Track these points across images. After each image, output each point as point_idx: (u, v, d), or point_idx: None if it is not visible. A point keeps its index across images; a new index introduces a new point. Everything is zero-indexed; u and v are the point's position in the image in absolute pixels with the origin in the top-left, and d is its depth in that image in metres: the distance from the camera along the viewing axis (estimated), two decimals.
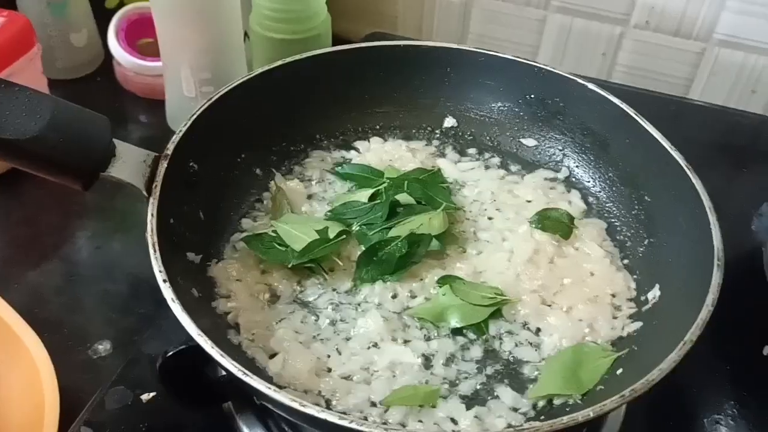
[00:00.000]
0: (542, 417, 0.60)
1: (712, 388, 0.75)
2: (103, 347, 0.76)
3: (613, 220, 0.76)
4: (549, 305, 0.68)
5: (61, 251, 0.86)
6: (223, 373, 0.64)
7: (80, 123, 0.59)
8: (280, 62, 0.76)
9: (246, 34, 0.97)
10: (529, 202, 0.77)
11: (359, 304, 0.67)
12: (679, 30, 1.06)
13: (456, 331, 0.66)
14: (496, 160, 0.83)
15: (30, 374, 0.68)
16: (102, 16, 1.06)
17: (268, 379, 0.58)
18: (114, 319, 0.79)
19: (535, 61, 0.80)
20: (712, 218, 0.64)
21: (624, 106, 0.75)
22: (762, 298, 0.76)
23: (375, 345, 0.64)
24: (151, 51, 1.01)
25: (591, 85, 0.77)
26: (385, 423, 0.57)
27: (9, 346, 0.69)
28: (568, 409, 0.59)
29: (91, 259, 0.86)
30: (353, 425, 0.49)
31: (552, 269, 0.70)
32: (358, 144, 0.82)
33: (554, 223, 0.73)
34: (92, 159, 0.59)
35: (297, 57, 0.77)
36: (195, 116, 0.68)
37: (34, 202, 0.91)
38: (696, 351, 0.75)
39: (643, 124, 0.73)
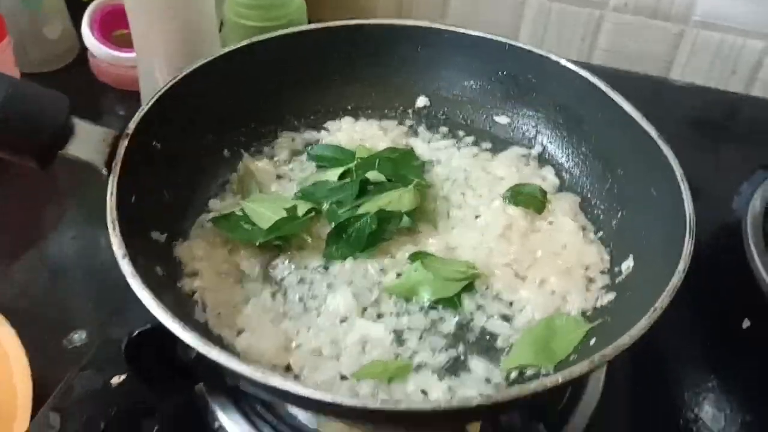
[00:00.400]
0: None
1: (694, 363, 0.74)
2: (78, 337, 0.75)
3: (586, 194, 0.76)
4: (522, 278, 0.67)
5: (36, 242, 0.85)
6: (193, 354, 0.64)
7: (36, 101, 0.58)
8: (246, 41, 0.75)
9: (220, 23, 0.96)
10: (502, 178, 0.76)
11: (329, 282, 0.66)
12: (657, 12, 1.06)
13: (428, 307, 0.65)
14: (469, 138, 0.82)
15: (2, 365, 0.67)
16: (76, 8, 1.05)
17: (235, 356, 0.57)
18: (89, 308, 0.78)
19: (506, 38, 0.79)
20: (683, 186, 0.63)
21: (596, 80, 0.74)
22: (742, 275, 0.76)
23: (345, 320, 0.63)
24: (125, 42, 1.00)
25: (563, 61, 0.76)
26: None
27: None
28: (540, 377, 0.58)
29: (67, 249, 0.85)
30: (317, 396, 0.48)
31: (525, 243, 0.70)
32: (329, 124, 0.82)
33: (527, 198, 0.72)
34: (48, 137, 0.58)
35: (265, 36, 0.76)
36: (158, 95, 0.67)
37: (5, 194, 0.90)
38: (677, 327, 0.75)
39: (614, 97, 0.72)
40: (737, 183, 0.91)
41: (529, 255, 0.68)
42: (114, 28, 1.04)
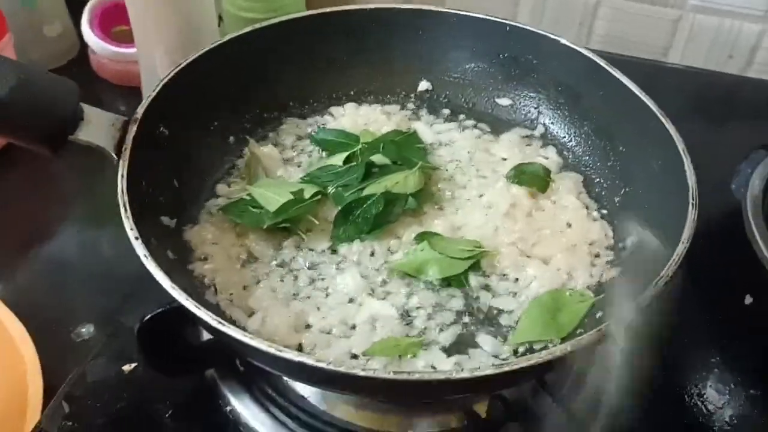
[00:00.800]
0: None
1: (698, 341, 0.75)
2: (86, 330, 0.76)
3: (589, 172, 0.77)
4: (528, 256, 0.68)
5: (42, 236, 0.85)
6: (204, 338, 0.64)
7: (47, 87, 0.59)
8: (250, 28, 0.76)
9: (220, 17, 0.97)
10: (505, 159, 0.77)
11: (338, 263, 0.67)
12: None
13: (436, 286, 0.65)
14: (472, 121, 0.83)
15: (13, 359, 0.68)
16: (75, 6, 1.05)
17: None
18: (96, 301, 0.79)
19: (506, 19, 0.80)
20: (686, 160, 0.64)
21: (596, 57, 0.75)
22: (742, 253, 0.76)
23: (353, 300, 0.64)
24: (125, 38, 1.01)
25: (563, 40, 0.77)
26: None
27: None
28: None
29: (72, 243, 0.85)
30: (330, 367, 0.49)
31: (529, 222, 0.70)
32: (333, 109, 0.82)
33: (531, 177, 0.73)
34: (59, 121, 0.59)
35: (267, 23, 0.77)
36: (165, 81, 0.68)
37: (11, 189, 0.90)
38: (680, 305, 0.75)
39: (614, 74, 0.73)
40: (736, 163, 0.92)
41: (534, 233, 0.69)
42: (113, 24, 1.05)
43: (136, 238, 0.55)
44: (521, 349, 0.61)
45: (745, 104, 1.05)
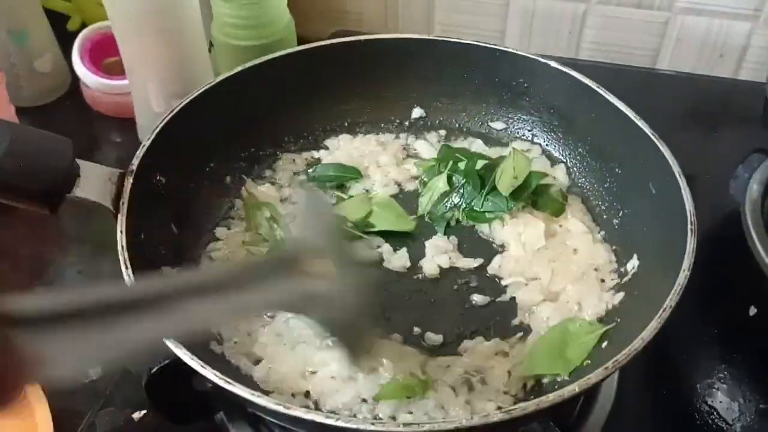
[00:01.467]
0: (531, 396, 0.60)
1: (703, 353, 0.75)
2: (94, 371, 0.76)
3: (587, 194, 0.77)
4: (542, 295, 0.68)
5: (43, 278, 0.85)
6: (211, 385, 0.65)
7: (41, 146, 0.59)
8: (240, 68, 0.76)
9: (210, 44, 0.97)
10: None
11: None
12: (641, 2, 1.06)
13: None
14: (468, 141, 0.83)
15: (22, 406, 0.68)
16: (65, 39, 1.05)
17: (254, 386, 0.58)
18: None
19: (495, 44, 0.80)
20: (681, 183, 0.64)
21: (586, 80, 0.75)
22: (744, 260, 0.76)
23: None
24: (117, 70, 1.01)
25: (553, 63, 0.77)
26: (375, 418, 0.57)
27: None
28: (556, 387, 0.59)
29: (73, 283, 0.85)
30: (340, 423, 0.49)
31: (543, 253, 0.71)
32: (328, 142, 0.82)
33: (548, 202, 0.74)
34: (55, 181, 0.59)
35: (257, 61, 0.77)
36: (158, 129, 0.68)
37: (9, 233, 0.90)
38: (684, 317, 0.75)
39: (606, 96, 0.73)
40: (732, 168, 0.92)
41: (548, 266, 0.69)
42: (104, 56, 1.05)
43: None
44: (530, 383, 0.61)
45: (737, 108, 1.05)
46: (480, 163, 0.75)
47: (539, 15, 1.10)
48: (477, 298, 0.68)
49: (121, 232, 0.59)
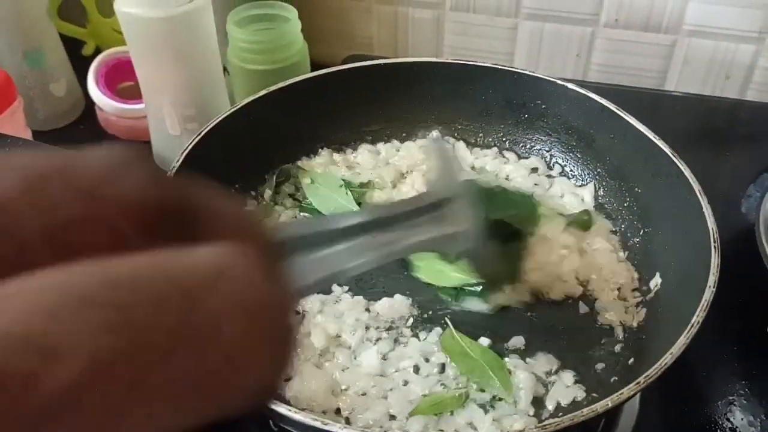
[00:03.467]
0: (560, 414, 0.60)
1: (722, 371, 0.75)
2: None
3: (608, 213, 0.78)
4: None
5: None
6: None
7: None
8: (264, 91, 0.77)
9: (225, 68, 0.98)
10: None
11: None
12: (649, 24, 1.08)
13: None
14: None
15: None
16: (80, 64, 1.06)
17: (286, 403, 0.58)
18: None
19: (513, 67, 0.81)
20: (703, 201, 0.65)
21: (604, 101, 0.76)
22: (759, 277, 0.77)
23: (384, 358, 0.64)
24: (131, 94, 1.02)
25: (570, 85, 0.78)
26: None
27: None
28: (585, 403, 0.59)
29: None
30: None
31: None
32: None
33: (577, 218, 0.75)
34: None
35: (278, 86, 0.78)
36: (185, 153, 0.68)
37: None
38: (702, 335, 0.76)
39: (624, 117, 0.74)
40: (743, 187, 0.93)
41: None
42: (119, 80, 1.06)
43: None
44: (561, 402, 0.61)
45: (745, 128, 1.07)
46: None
47: (547, 38, 1.12)
48: None
49: None
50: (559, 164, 0.82)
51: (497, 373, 0.61)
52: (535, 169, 0.83)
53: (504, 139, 0.85)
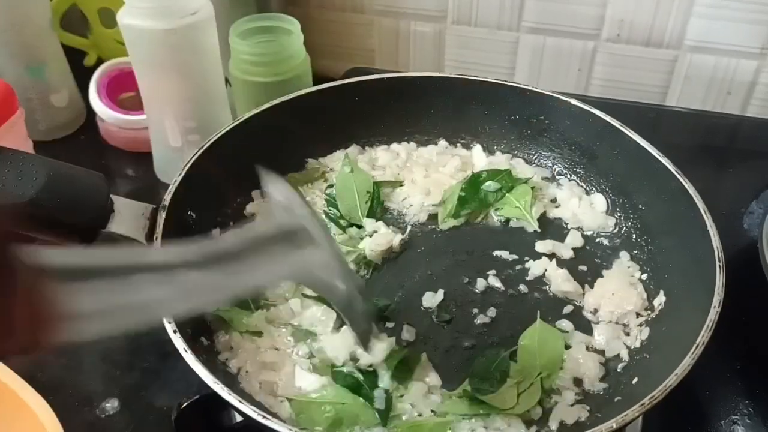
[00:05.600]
0: None
1: (726, 389, 0.75)
2: (111, 405, 0.75)
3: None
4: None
5: None
6: (237, 419, 0.64)
7: (76, 182, 0.59)
8: (267, 105, 0.77)
9: (227, 80, 0.98)
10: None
11: None
12: (650, 40, 1.08)
13: None
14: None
15: None
16: (82, 74, 1.06)
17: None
18: (118, 376, 0.78)
19: (516, 82, 0.81)
20: (708, 220, 0.65)
21: (608, 117, 0.76)
22: (762, 294, 0.77)
23: None
24: (132, 105, 1.02)
25: (574, 101, 0.78)
26: None
27: (15, 411, 0.68)
28: (589, 424, 0.59)
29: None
30: None
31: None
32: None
33: None
34: (91, 217, 0.59)
35: (281, 99, 0.78)
36: (188, 165, 0.68)
37: None
38: (705, 352, 0.76)
39: (628, 133, 0.74)
40: (744, 203, 0.93)
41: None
42: (120, 91, 1.06)
43: (174, 332, 0.55)
44: (555, 424, 0.61)
45: (746, 144, 1.07)
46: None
47: (549, 52, 1.12)
48: None
49: None
50: (560, 182, 0.82)
51: None
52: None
53: (507, 152, 0.84)
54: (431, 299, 0.70)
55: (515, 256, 0.75)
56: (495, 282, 0.72)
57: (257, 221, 0.73)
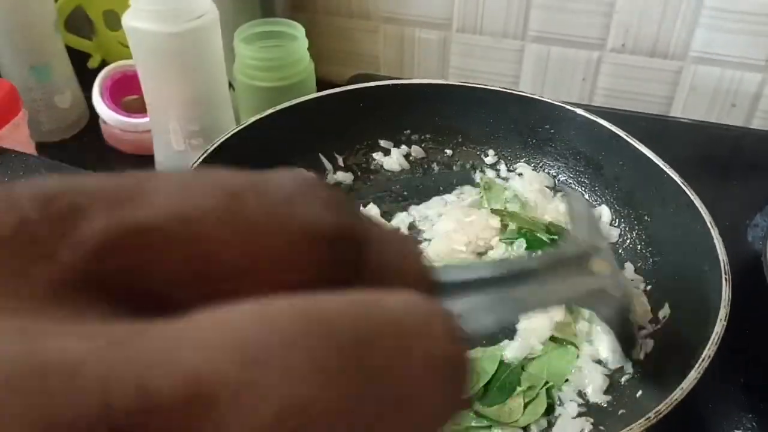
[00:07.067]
0: None
1: (729, 402, 0.74)
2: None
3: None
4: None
5: None
6: None
7: None
8: (271, 110, 0.76)
9: (231, 84, 0.98)
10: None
11: None
12: (655, 50, 1.08)
13: None
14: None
15: None
16: (85, 76, 1.06)
17: None
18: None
19: (522, 91, 0.81)
20: (714, 233, 0.64)
21: (614, 128, 0.76)
22: (765, 307, 0.76)
23: None
24: (136, 107, 1.02)
25: (580, 111, 0.78)
26: None
27: None
28: None
29: None
30: None
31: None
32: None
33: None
34: None
35: (286, 105, 0.78)
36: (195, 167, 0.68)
37: None
38: (708, 365, 0.75)
39: (634, 144, 0.74)
40: (748, 215, 0.93)
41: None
42: (124, 93, 1.05)
43: None
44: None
45: (751, 156, 1.06)
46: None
47: (553, 61, 1.12)
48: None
49: None
50: (570, 189, 0.82)
51: None
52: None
53: (511, 162, 0.84)
54: None
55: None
56: None
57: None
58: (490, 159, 0.85)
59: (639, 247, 0.74)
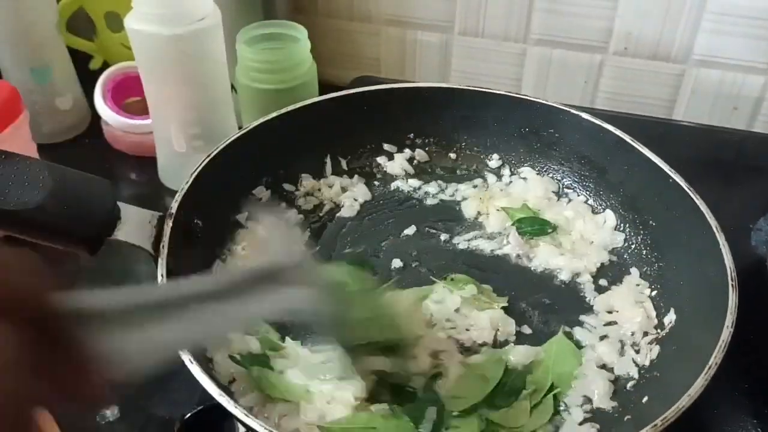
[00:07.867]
0: None
1: (732, 408, 0.74)
2: (111, 412, 0.74)
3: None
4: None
5: None
6: (242, 430, 0.64)
7: (83, 189, 0.58)
8: (275, 113, 0.76)
9: (233, 87, 0.97)
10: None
11: None
12: (657, 54, 1.08)
13: None
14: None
15: None
16: (87, 78, 1.05)
17: None
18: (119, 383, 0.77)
19: (526, 95, 0.81)
20: (720, 238, 0.64)
21: (619, 132, 0.76)
22: None
23: None
24: (138, 109, 1.01)
25: (584, 115, 0.78)
26: None
27: None
28: None
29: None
30: None
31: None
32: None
33: None
34: (97, 224, 0.58)
35: (289, 108, 0.78)
36: (196, 173, 0.67)
37: None
38: (714, 374, 0.75)
39: (639, 148, 0.74)
40: (752, 219, 0.93)
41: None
42: (126, 95, 1.05)
43: None
44: None
45: (753, 160, 1.06)
46: None
47: (555, 64, 1.12)
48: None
49: (162, 275, 0.58)
50: (569, 196, 0.82)
51: None
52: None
53: (516, 165, 0.84)
54: None
55: None
56: None
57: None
58: (494, 163, 0.85)
59: (644, 252, 0.74)
